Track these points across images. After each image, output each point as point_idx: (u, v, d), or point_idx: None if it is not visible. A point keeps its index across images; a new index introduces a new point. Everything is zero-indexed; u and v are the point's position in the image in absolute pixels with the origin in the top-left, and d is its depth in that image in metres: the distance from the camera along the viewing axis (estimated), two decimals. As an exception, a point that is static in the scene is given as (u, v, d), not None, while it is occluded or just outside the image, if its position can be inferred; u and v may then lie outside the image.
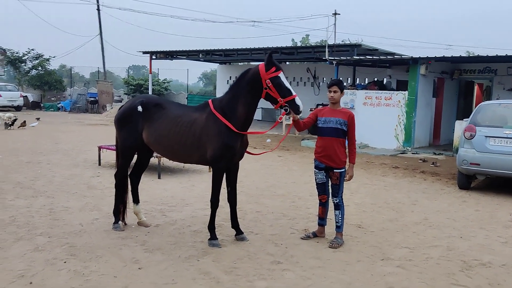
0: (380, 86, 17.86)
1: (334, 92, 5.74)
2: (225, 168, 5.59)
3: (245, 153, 5.88)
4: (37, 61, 34.95)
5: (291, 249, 5.55)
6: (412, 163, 12.81)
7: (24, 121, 19.21)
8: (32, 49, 34.79)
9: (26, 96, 33.14)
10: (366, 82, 21.13)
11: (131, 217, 6.43)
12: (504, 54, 13.81)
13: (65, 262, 4.88)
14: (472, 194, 9.07)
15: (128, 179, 6.27)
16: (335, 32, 19.47)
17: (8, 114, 22.12)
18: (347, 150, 5.86)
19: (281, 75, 5.34)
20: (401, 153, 14.92)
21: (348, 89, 17.54)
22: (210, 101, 5.64)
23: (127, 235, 5.85)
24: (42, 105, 33.92)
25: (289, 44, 29.05)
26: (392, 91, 16.33)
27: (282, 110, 5.36)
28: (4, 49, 31.82)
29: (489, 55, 14.33)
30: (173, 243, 5.61)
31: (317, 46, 20.35)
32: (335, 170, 5.75)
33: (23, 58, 34.72)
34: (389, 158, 13.94)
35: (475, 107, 19.34)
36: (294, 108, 5.28)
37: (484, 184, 9.92)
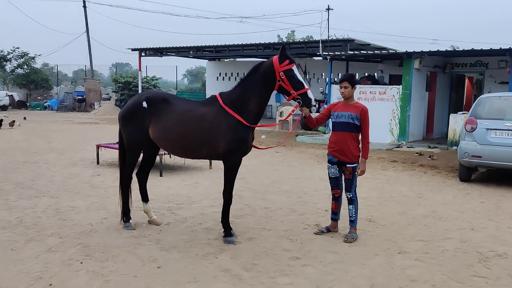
0: (373, 80, 17.93)
1: (345, 87, 5.72)
2: (239, 162, 5.55)
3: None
4: (22, 60, 34.36)
5: (307, 244, 5.52)
6: (409, 157, 12.89)
7: (13, 121, 18.88)
8: (17, 48, 34.26)
9: (11, 95, 32.61)
10: (359, 77, 21.21)
11: (141, 216, 6.35)
12: (498, 48, 13.94)
13: (81, 263, 4.78)
14: (474, 186, 9.15)
15: (135, 177, 6.19)
16: (328, 27, 19.53)
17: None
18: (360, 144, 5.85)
19: (294, 68, 5.35)
20: (396, 147, 15.01)
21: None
22: (218, 95, 5.59)
23: (140, 234, 5.77)
24: (28, 104, 33.40)
25: (276, 40, 28.91)
26: (387, 86, 16.42)
27: (295, 103, 5.37)
28: None
29: (483, 48, 14.46)
30: (187, 241, 5.54)
31: (310, 41, 20.36)
32: (347, 165, 5.73)
33: (8, 56, 34.10)
34: (386, 152, 14.01)
35: (466, 100, 19.74)
36: (306, 101, 5.28)
37: (484, 176, 10.02)
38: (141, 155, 6.24)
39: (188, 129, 5.50)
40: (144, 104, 5.71)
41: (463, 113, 14.31)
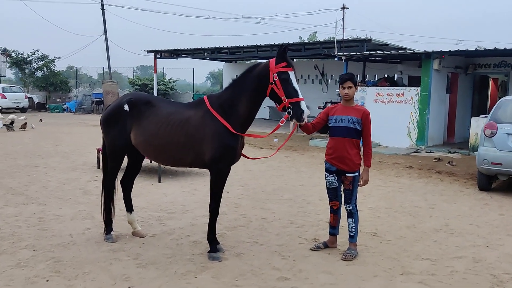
0: (391, 82, 17.24)
1: (349, 88, 5.18)
2: (226, 171, 5.07)
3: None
4: (42, 62, 34.62)
5: (300, 262, 5.00)
6: (426, 163, 12.20)
7: (25, 123, 18.82)
8: (37, 50, 34.47)
9: (31, 97, 32.87)
10: (376, 78, 20.51)
11: (126, 227, 5.93)
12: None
13: (47, 281, 4.38)
14: (494, 196, 8.45)
15: (120, 185, 5.77)
16: (343, 27, 18.82)
17: (11, 116, 21.83)
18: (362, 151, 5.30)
19: (291, 73, 4.80)
20: (414, 152, 14.30)
21: (358, 85, 16.94)
22: (205, 97, 5.11)
23: (120, 247, 5.34)
24: (47, 106, 33.62)
25: (296, 41, 28.23)
26: (404, 87, 15.71)
27: (285, 113, 4.80)
28: (5, 50, 31.37)
29: (506, 48, 13.64)
30: (169, 257, 5.09)
31: (325, 42, 19.74)
32: (347, 174, 5.19)
33: (28, 59, 34.41)
34: (402, 157, 13.33)
35: (490, 102, 18.82)
36: (296, 112, 4.70)
37: (505, 185, 9.29)
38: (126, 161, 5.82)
39: (172, 134, 5.05)
40: (126, 107, 5.28)
41: (485, 117, 13.51)
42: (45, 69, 34.47)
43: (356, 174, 5.21)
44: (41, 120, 23.25)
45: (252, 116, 5.01)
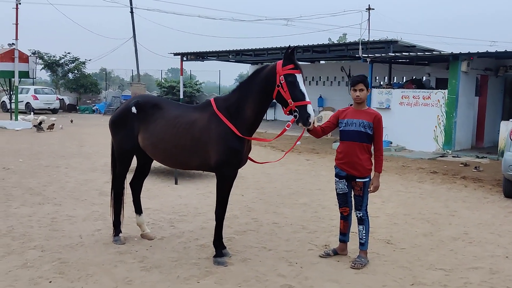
0: (418, 84, 16.80)
1: (360, 90, 5.01)
2: (232, 175, 4.98)
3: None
4: (73, 65, 35.42)
5: (307, 269, 4.87)
6: (452, 168, 11.81)
7: (52, 124, 19.24)
8: (68, 53, 35.31)
9: (62, 99, 33.64)
10: (404, 80, 20.06)
11: (136, 229, 5.91)
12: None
13: (50, 282, 4.38)
14: (520, 203, 8.09)
15: (129, 187, 5.77)
16: (369, 28, 18.48)
17: (41, 117, 22.39)
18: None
19: (299, 75, 4.67)
20: (440, 157, 13.89)
21: (384, 88, 16.61)
22: (212, 100, 5.04)
23: (127, 250, 5.32)
24: (78, 107, 34.34)
25: (324, 42, 27.76)
26: (431, 90, 15.29)
27: (291, 117, 4.68)
28: (35, 52, 32.14)
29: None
30: (175, 260, 5.03)
31: (351, 43, 19.42)
32: (357, 180, 5.02)
33: (60, 61, 35.27)
34: (427, 162, 12.96)
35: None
36: (303, 116, 4.56)
37: (534, 192, 8.88)
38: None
39: (178, 136, 5.00)
40: (133, 109, 5.27)
41: (515, 121, 13.00)
42: (76, 71, 35.25)
43: (367, 179, 5.03)
44: (72, 121, 23.75)
45: (258, 119, 4.92)
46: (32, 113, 24.39)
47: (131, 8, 33.40)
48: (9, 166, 10.45)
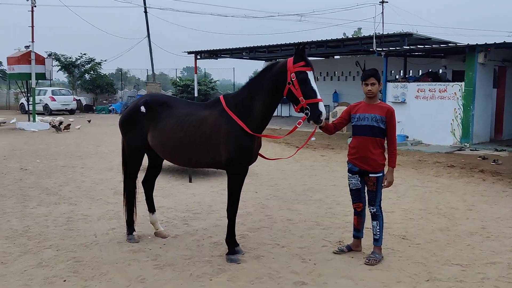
0: (434, 77, 16.57)
1: (372, 84, 4.94)
2: (242, 172, 4.96)
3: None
4: (89, 65, 35.80)
5: (320, 266, 4.82)
6: (470, 161, 11.62)
7: (69, 124, 19.49)
8: (84, 54, 35.72)
9: (79, 99, 34.06)
10: (420, 74, 19.80)
11: (150, 227, 5.93)
12: None
13: (64, 281, 4.42)
14: (540, 197, 7.91)
15: (142, 186, 5.80)
16: (382, 21, 18.30)
17: (58, 117, 22.70)
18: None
19: (310, 73, 4.62)
20: (458, 150, 13.68)
21: (399, 81, 16.41)
22: (221, 97, 5.02)
23: (141, 248, 5.35)
24: (94, 108, 34.71)
25: (338, 37, 27.27)
26: (447, 83, 15.06)
27: (303, 114, 4.64)
28: (51, 54, 32.50)
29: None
30: (188, 258, 5.04)
31: (365, 37, 19.21)
32: (370, 175, 4.96)
33: (76, 62, 35.68)
34: (444, 155, 12.77)
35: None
36: (315, 113, 4.52)
37: (554, 185, 8.69)
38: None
39: (188, 134, 5.00)
40: (142, 108, 5.29)
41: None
42: (92, 72, 35.62)
43: (380, 174, 4.97)
44: (89, 121, 24.03)
45: (268, 116, 4.89)
46: (49, 115, 24.79)
47: (145, 8, 33.63)
48: (27, 166, 10.60)
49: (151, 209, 5.81)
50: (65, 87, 38.05)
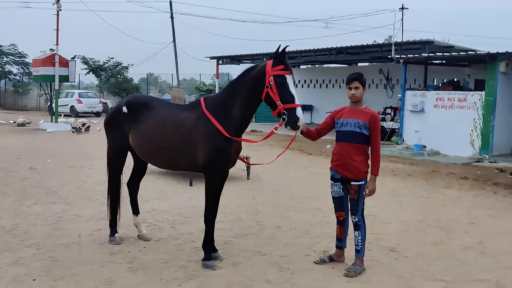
0: (456, 86, 16.08)
1: (356, 88, 4.78)
2: (219, 175, 4.86)
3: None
4: (116, 69, 36.49)
5: (297, 276, 4.66)
6: (486, 173, 11.18)
7: (89, 126, 19.83)
8: (112, 58, 36.44)
9: (105, 102, 34.70)
10: (438, 83, 19.28)
11: (134, 229, 5.88)
12: None
13: (34, 280, 4.41)
14: (551, 212, 7.49)
15: (126, 187, 5.77)
16: (402, 28, 17.91)
17: (81, 119, 23.14)
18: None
19: (289, 77, 4.50)
20: (476, 162, 13.21)
21: (418, 90, 16.02)
22: (202, 99, 4.94)
23: (120, 250, 5.30)
24: (120, 111, 35.27)
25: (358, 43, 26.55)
26: (467, 92, 14.58)
27: (280, 119, 4.50)
28: (74, 57, 33.20)
29: None
30: (164, 262, 4.96)
31: (385, 44, 18.87)
32: (352, 183, 4.78)
33: (104, 66, 36.42)
34: (460, 167, 12.33)
35: None
36: (291, 119, 4.40)
37: None
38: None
39: (166, 136, 4.95)
40: (124, 109, 5.26)
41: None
42: (119, 75, 36.29)
43: (362, 183, 4.78)
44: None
45: (247, 120, 4.78)
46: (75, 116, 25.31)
47: (171, 14, 34.06)
48: (37, 166, 10.77)
49: (135, 211, 5.77)
50: (92, 90, 38.91)
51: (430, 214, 7.27)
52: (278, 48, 4.58)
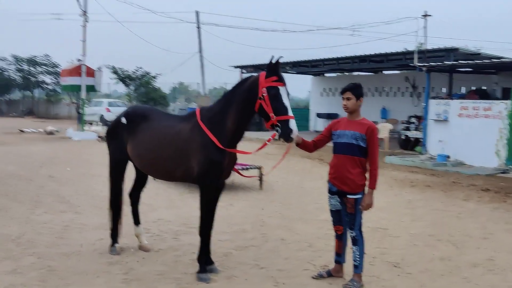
0: (482, 94, 15.64)
1: (347, 99, 4.67)
2: (213, 187, 4.83)
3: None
4: (144, 79, 37.12)
5: (291, 291, 4.55)
6: (509, 185, 10.75)
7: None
8: (140, 67, 37.10)
9: (133, 111, 35.31)
10: (465, 90, 18.78)
11: (135, 239, 5.90)
12: None
13: (27, 290, 4.45)
14: None
15: (129, 198, 5.80)
16: (425, 35, 17.53)
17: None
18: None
19: (282, 88, 4.44)
20: (501, 173, 12.73)
21: (441, 98, 15.62)
22: (198, 110, 4.93)
23: (118, 260, 5.31)
24: (147, 119, 35.82)
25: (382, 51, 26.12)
26: (492, 101, 14.12)
27: (273, 131, 4.43)
28: (100, 67, 33.88)
29: None
30: (159, 274, 4.94)
31: (408, 52, 18.52)
32: (348, 196, 4.65)
33: (133, 76, 37.10)
34: (483, 178, 11.90)
35: None
36: (285, 131, 4.32)
37: None
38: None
39: (162, 147, 4.95)
40: (123, 120, 5.31)
41: None
42: (147, 85, 36.90)
43: (359, 196, 4.64)
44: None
45: (241, 131, 4.73)
46: (104, 125, 25.79)
47: (198, 24, 34.45)
48: (56, 174, 10.99)
49: (136, 221, 5.79)
50: (122, 99, 39.69)
51: (443, 227, 7.01)
52: (272, 62, 4.52)
